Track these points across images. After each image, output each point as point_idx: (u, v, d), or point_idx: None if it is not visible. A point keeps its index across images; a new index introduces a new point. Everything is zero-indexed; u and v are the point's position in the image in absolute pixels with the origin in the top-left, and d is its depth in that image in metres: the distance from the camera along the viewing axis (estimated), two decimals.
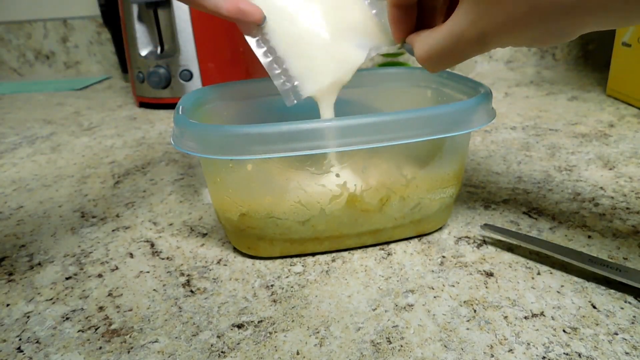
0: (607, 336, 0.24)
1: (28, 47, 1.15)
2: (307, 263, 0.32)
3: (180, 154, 0.55)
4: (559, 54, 0.94)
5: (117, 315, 0.28)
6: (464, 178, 0.43)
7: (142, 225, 0.39)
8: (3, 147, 0.62)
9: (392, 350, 0.24)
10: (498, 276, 0.30)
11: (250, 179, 0.30)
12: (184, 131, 0.28)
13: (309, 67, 0.31)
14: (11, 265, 0.34)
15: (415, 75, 0.41)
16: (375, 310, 0.27)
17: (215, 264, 0.33)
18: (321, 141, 0.26)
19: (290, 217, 0.30)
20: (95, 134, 0.65)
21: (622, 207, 0.37)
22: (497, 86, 0.79)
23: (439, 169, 0.32)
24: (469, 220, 0.36)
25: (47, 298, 0.30)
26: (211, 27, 0.72)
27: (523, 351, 0.24)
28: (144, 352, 0.25)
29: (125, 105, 0.82)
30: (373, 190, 0.31)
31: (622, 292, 0.27)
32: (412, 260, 0.32)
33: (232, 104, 0.39)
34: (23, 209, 0.43)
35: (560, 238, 0.33)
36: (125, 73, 1.02)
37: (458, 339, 0.25)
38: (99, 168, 0.52)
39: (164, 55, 0.73)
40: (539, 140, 0.52)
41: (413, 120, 0.27)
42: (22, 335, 0.27)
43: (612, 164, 0.45)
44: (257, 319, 0.27)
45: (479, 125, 0.29)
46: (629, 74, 0.62)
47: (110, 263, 0.34)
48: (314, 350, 0.24)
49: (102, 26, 1.11)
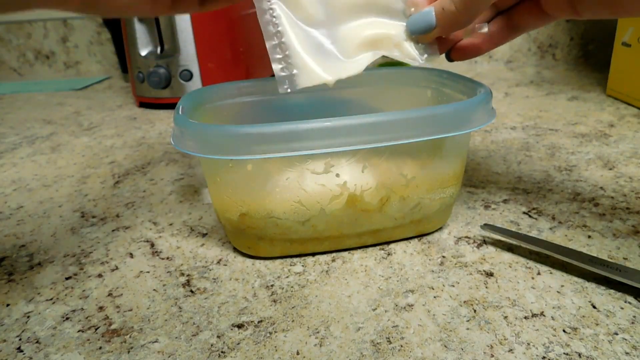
0: (607, 336, 0.24)
1: (28, 47, 1.15)
2: (307, 263, 0.32)
3: (180, 154, 0.55)
4: (559, 54, 0.94)
5: (117, 315, 0.28)
6: (464, 178, 0.43)
7: (142, 225, 0.39)
8: (3, 147, 0.62)
9: (392, 350, 0.24)
10: (498, 276, 0.30)
11: (250, 179, 0.30)
12: (184, 131, 0.28)
13: (312, 62, 0.30)
14: (11, 265, 0.34)
15: (415, 75, 0.41)
16: (375, 310, 0.27)
17: (215, 264, 0.33)
18: (321, 141, 0.26)
19: (290, 217, 0.30)
20: (95, 134, 0.65)
21: (622, 207, 0.37)
22: (497, 86, 0.79)
23: (439, 169, 0.32)
24: (469, 220, 0.36)
25: (47, 298, 0.30)
26: (211, 27, 0.72)
27: (523, 351, 0.24)
28: (144, 352, 0.25)
29: (125, 105, 0.82)
30: (373, 190, 0.31)
31: (622, 292, 0.27)
32: (412, 260, 0.32)
33: (232, 104, 0.39)
34: (23, 209, 0.43)
35: (560, 238, 0.33)
36: (125, 73, 1.02)
37: (458, 339, 0.25)
38: (99, 168, 0.52)
39: (164, 55, 0.73)
40: (539, 140, 0.52)
41: (413, 120, 0.27)
42: (22, 335, 0.27)
43: (612, 164, 0.45)
44: (257, 319, 0.27)
45: (479, 125, 0.29)
46: (629, 74, 0.62)
47: (110, 263, 0.34)
48: (314, 350, 0.24)
49: (102, 26, 1.11)
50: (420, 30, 0.30)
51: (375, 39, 0.31)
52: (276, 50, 0.30)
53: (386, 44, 0.31)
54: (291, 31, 0.30)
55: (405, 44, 0.31)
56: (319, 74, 0.30)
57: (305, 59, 0.30)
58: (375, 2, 0.31)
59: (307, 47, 0.30)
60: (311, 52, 0.30)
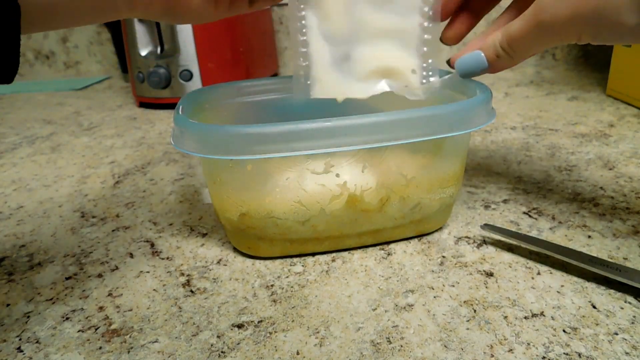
0: (607, 336, 0.24)
1: (28, 47, 1.14)
2: (307, 263, 0.32)
3: (180, 154, 0.55)
4: (559, 54, 0.94)
5: (117, 315, 0.28)
6: (464, 178, 0.43)
7: (142, 225, 0.39)
8: (3, 147, 0.62)
9: (392, 350, 0.24)
10: (498, 276, 0.30)
11: (250, 179, 0.30)
12: (184, 131, 0.28)
13: (328, 77, 0.33)
14: (11, 265, 0.34)
15: None
16: (375, 310, 0.27)
17: (215, 264, 0.33)
18: (321, 141, 0.26)
19: (290, 217, 0.30)
20: (95, 134, 0.65)
21: (622, 207, 0.37)
22: (497, 86, 0.79)
23: (439, 169, 0.32)
24: (469, 220, 0.36)
25: (47, 298, 0.30)
26: (211, 27, 0.72)
27: (523, 351, 0.24)
28: (144, 352, 0.25)
29: (125, 105, 0.82)
30: (373, 190, 0.31)
31: (622, 292, 0.27)
32: (412, 260, 0.32)
33: (232, 104, 0.39)
34: (23, 209, 0.43)
35: (560, 238, 0.33)
36: (125, 73, 1.02)
37: (458, 339, 0.25)
38: (99, 168, 0.52)
39: (164, 55, 0.74)
40: (539, 140, 0.52)
41: (413, 120, 0.27)
42: (22, 335, 0.27)
43: (612, 164, 0.45)
44: (257, 319, 0.27)
45: (479, 125, 0.29)
46: (629, 74, 0.62)
47: (110, 263, 0.34)
48: (314, 350, 0.24)
49: (102, 26, 1.11)
50: (471, 71, 0.31)
51: (388, 69, 0.33)
52: (300, 59, 0.33)
53: (397, 75, 0.33)
54: (316, 43, 0.33)
55: (414, 76, 0.33)
56: (331, 89, 0.33)
57: (322, 73, 0.33)
58: (400, 30, 0.32)
59: (326, 61, 0.33)
60: (329, 66, 0.33)
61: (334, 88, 0.33)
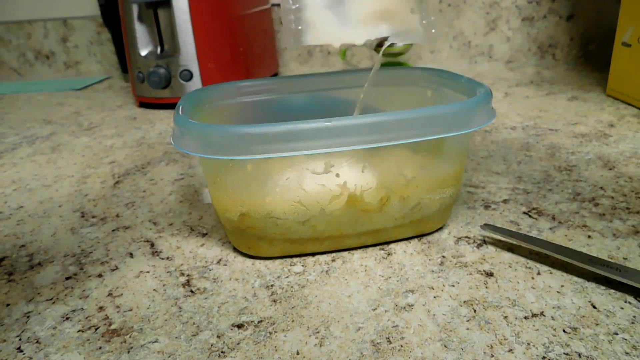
0: (607, 336, 0.24)
1: (28, 47, 1.14)
2: (307, 263, 0.32)
3: (180, 154, 0.55)
4: (559, 54, 0.94)
5: (117, 315, 0.28)
6: (464, 178, 0.43)
7: (142, 225, 0.39)
8: (3, 147, 0.62)
9: (392, 350, 0.24)
10: (498, 276, 0.30)
11: (250, 179, 0.30)
12: (184, 131, 0.28)
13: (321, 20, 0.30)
14: (11, 265, 0.34)
15: (415, 75, 0.41)
16: (375, 310, 0.27)
17: (215, 264, 0.33)
18: (321, 141, 0.26)
19: (290, 217, 0.30)
20: (95, 134, 0.65)
21: (622, 207, 0.37)
22: (497, 86, 0.79)
23: (439, 169, 0.32)
24: (469, 220, 0.36)
25: (47, 298, 0.30)
26: (211, 27, 0.72)
27: (523, 351, 0.24)
28: (144, 352, 0.25)
29: (125, 105, 0.82)
30: (373, 190, 0.31)
31: (622, 292, 0.27)
32: (412, 260, 0.32)
33: (232, 104, 0.39)
34: (23, 209, 0.43)
35: (560, 238, 0.33)
36: (125, 73, 1.02)
37: (458, 339, 0.25)
38: (99, 168, 0.52)
39: (164, 55, 0.73)
40: (539, 140, 0.52)
41: (413, 120, 0.27)
42: (22, 335, 0.27)
43: (612, 164, 0.45)
44: (257, 319, 0.27)
45: (479, 125, 0.29)
46: (629, 74, 0.62)
47: (110, 263, 0.34)
48: (314, 350, 0.24)
49: (102, 26, 1.11)
50: None
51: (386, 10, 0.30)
52: (289, 1, 0.30)
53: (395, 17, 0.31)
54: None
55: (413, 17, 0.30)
56: (326, 35, 0.30)
57: (315, 16, 0.30)
58: None
59: (318, 3, 0.30)
60: (322, 9, 0.30)
61: (329, 33, 0.30)
